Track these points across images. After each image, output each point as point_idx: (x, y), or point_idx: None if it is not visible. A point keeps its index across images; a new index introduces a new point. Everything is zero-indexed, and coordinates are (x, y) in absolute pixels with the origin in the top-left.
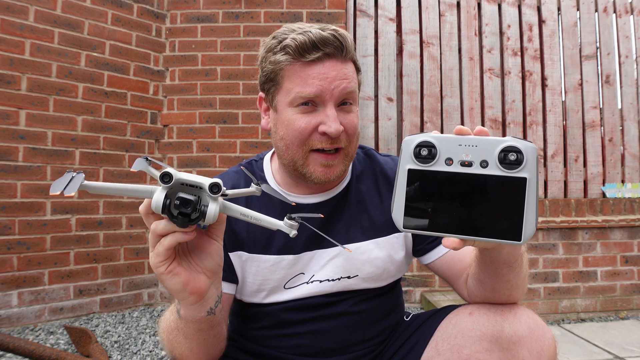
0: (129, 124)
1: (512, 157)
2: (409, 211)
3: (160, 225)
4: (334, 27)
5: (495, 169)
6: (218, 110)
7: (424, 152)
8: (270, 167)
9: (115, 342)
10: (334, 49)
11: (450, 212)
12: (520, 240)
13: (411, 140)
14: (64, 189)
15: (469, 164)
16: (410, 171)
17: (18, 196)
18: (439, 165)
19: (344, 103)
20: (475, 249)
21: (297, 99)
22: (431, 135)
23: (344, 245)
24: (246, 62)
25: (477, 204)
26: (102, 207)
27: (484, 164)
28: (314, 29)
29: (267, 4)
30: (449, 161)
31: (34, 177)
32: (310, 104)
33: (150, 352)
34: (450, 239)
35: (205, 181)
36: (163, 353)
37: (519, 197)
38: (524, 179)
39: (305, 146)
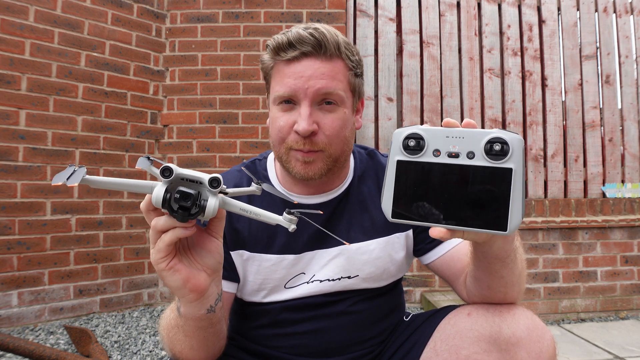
0: (129, 124)
1: (498, 147)
2: (397, 201)
3: (161, 221)
4: (318, 25)
5: (481, 160)
6: (218, 110)
7: (412, 143)
8: (274, 167)
9: (115, 342)
10: (311, 48)
11: (438, 202)
12: (505, 230)
13: (400, 133)
14: (67, 179)
15: (456, 155)
16: (399, 162)
17: (18, 196)
18: (426, 157)
19: (328, 102)
20: (471, 247)
21: (277, 97)
22: (420, 128)
23: (343, 241)
24: (246, 62)
25: (464, 195)
26: (102, 207)
27: (471, 155)
28: (296, 29)
29: (267, 4)
30: (436, 152)
31: (34, 177)
32: (291, 102)
33: (150, 352)
34: (437, 229)
35: (205, 176)
36: (163, 353)
37: (505, 187)
38: (510, 170)
39: (285, 144)
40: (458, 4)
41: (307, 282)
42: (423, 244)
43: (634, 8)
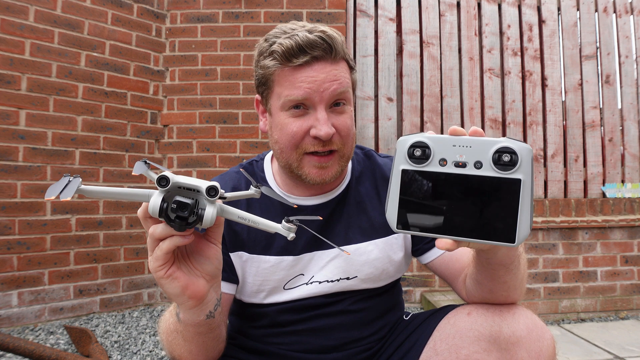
0: (129, 124)
1: (507, 158)
2: (402, 212)
3: (158, 229)
4: (323, 27)
5: (489, 170)
6: (218, 110)
7: (418, 152)
8: (271, 168)
9: (115, 342)
10: (322, 52)
11: (444, 213)
12: (514, 242)
13: (405, 141)
14: (60, 193)
15: (463, 165)
16: (404, 172)
17: (18, 196)
18: (432, 166)
19: (337, 104)
20: (474, 252)
21: (287, 103)
22: (425, 136)
23: (342, 248)
24: (246, 62)
25: (471, 205)
26: (102, 207)
27: (478, 164)
28: (302, 32)
29: (267, 4)
30: (443, 162)
31: (34, 177)
32: (302, 107)
33: (150, 352)
34: (443, 241)
35: (203, 184)
36: (163, 353)
37: (513, 198)
38: (518, 181)
39: (299, 149)
40: (458, 4)
41: (306, 284)
42: (421, 244)
43: (634, 8)
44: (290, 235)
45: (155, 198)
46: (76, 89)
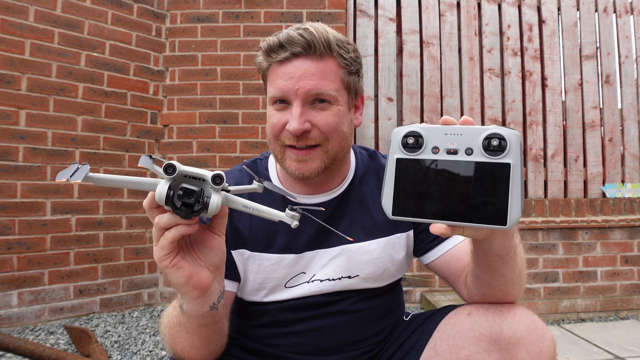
0: (129, 124)
1: (495, 143)
2: (397, 199)
3: (164, 218)
4: (309, 25)
5: (479, 156)
6: (218, 110)
7: (411, 141)
8: (275, 167)
9: (115, 342)
10: (300, 48)
11: (438, 198)
12: (505, 224)
13: (399, 131)
14: (70, 176)
15: (455, 152)
16: (398, 160)
17: (18, 196)
18: (425, 154)
19: (321, 101)
20: (471, 245)
21: (270, 98)
22: (418, 126)
23: (347, 236)
24: (246, 62)
25: (463, 190)
26: (102, 207)
27: (469, 151)
28: (287, 30)
29: (267, 4)
30: (435, 150)
31: (34, 177)
32: (285, 102)
33: (150, 352)
34: (437, 225)
35: (208, 173)
36: (163, 353)
37: (504, 182)
38: (508, 165)
39: (279, 141)
40: (458, 4)
41: (308, 282)
42: (423, 243)
43: (634, 8)
44: (294, 223)
45: (162, 186)
46: (76, 89)
